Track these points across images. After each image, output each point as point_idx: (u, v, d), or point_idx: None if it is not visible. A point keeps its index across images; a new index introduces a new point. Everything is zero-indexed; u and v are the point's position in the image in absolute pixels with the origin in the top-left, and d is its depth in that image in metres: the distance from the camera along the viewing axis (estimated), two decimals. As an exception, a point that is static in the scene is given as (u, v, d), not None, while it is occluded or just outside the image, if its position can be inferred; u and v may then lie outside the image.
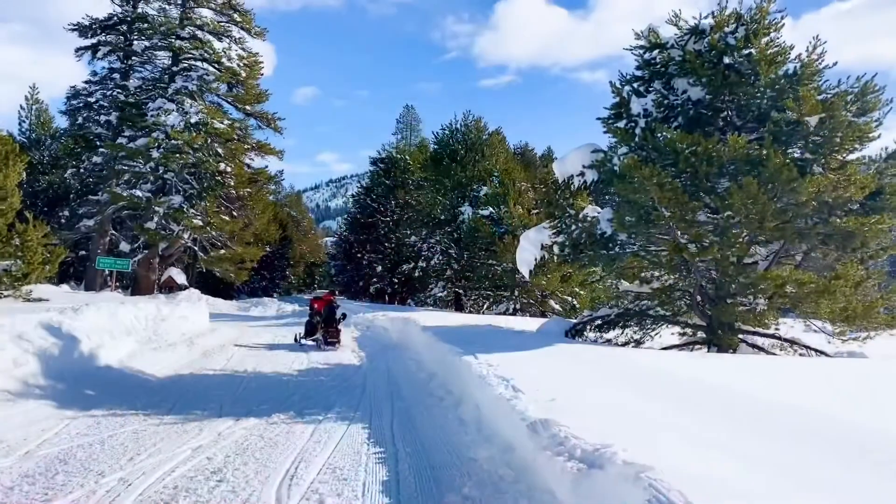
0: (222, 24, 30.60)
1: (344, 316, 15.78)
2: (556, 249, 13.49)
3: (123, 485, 4.78)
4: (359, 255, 46.42)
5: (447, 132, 34.53)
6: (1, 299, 13.80)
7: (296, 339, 15.38)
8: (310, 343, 15.02)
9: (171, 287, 30.71)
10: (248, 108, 31.15)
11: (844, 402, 5.98)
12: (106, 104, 29.28)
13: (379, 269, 44.63)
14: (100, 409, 7.30)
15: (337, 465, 5.43)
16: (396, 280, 42.58)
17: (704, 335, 12.52)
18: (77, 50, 29.66)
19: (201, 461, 5.44)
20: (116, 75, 29.87)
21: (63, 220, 29.22)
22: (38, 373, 8.26)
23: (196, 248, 31.02)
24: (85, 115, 29.43)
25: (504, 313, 27.83)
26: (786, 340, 12.32)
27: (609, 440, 3.69)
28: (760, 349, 12.28)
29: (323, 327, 14.97)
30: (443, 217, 33.59)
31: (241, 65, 30.41)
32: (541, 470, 4.16)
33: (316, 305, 15.89)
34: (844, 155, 11.18)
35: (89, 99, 29.64)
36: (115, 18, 29.51)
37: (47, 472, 5.03)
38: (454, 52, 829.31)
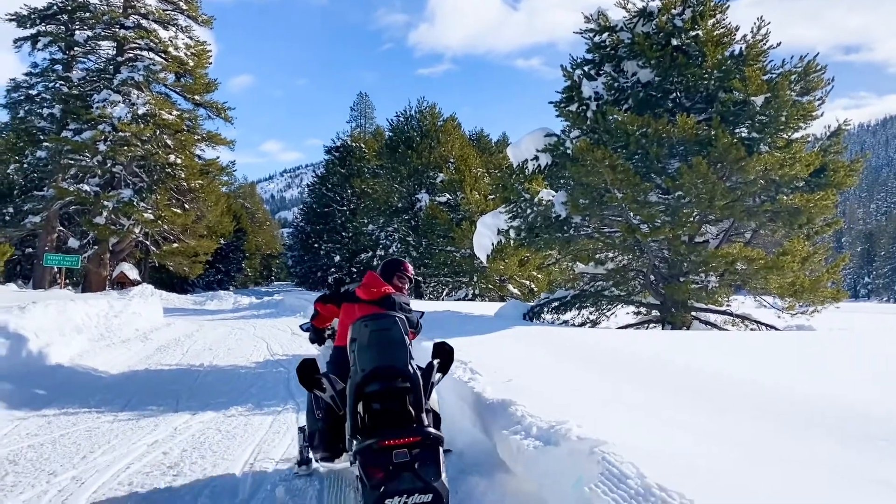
0: (167, 12, 29.90)
1: (447, 360, 4.29)
2: (512, 234, 13.57)
3: (76, 483, 4.68)
4: (316, 246, 46.14)
5: (402, 119, 34.39)
6: (-57, 300, 13.34)
7: (301, 456, 5.02)
8: (325, 466, 5.02)
9: (123, 283, 30.09)
10: (196, 97, 30.53)
11: (793, 373, 6.15)
12: (49, 97, 28.37)
13: (337, 258, 44.40)
14: (51, 409, 7.13)
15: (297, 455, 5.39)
16: (355, 269, 42.37)
17: (659, 314, 12.75)
18: (16, 41, 28.63)
19: (157, 456, 5.36)
20: (59, 67, 28.93)
21: (7, 217, 28.27)
22: (-15, 374, 8.01)
23: (148, 243, 30.39)
24: (27, 108, 28.47)
25: (463, 299, 27.95)
26: (737, 316, 12.62)
27: (564, 417, 3.73)
28: (713, 326, 12.56)
29: (366, 428, 3.74)
30: (400, 205, 33.49)
31: (189, 54, 29.76)
32: (499, 449, 4.20)
33: (320, 321, 5.19)
34: (790, 133, 11.46)
35: (31, 91, 28.70)
36: (55, 7, 28.53)
37: (-4, 473, 4.89)
38: (389, 43, 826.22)
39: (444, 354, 4.28)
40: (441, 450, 3.58)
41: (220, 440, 5.89)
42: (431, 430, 3.61)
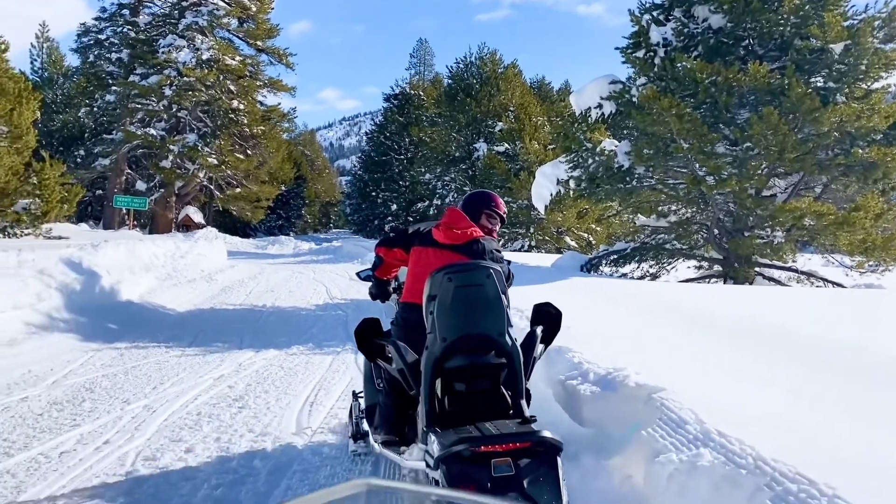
0: (230, -44, 29.91)
1: (553, 327, 3.36)
2: (572, 184, 13.40)
3: (148, 411, 4.91)
4: (373, 194, 46.39)
5: (462, 66, 33.94)
6: (21, 237, 13.97)
7: (356, 429, 3.94)
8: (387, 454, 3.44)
9: (188, 226, 30.95)
10: (258, 43, 30.65)
11: (858, 330, 5.98)
12: (117, 41, 28.90)
13: (394, 207, 44.65)
14: (122, 342, 7.46)
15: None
16: (411, 218, 42.60)
17: (721, 268, 12.50)
18: (85, -15, 29.17)
19: (223, 389, 5.57)
20: (126, 11, 29.37)
21: (79, 160, 29.31)
22: (61, 307, 8.40)
23: (212, 187, 31.07)
24: (96, 52, 29.07)
25: (520, 250, 27.85)
26: (803, 273, 12.28)
27: (622, 365, 3.73)
28: (777, 282, 12.26)
29: (447, 416, 2.86)
30: (457, 154, 33.29)
31: (251, -2, 29.82)
32: (557, 395, 4.23)
33: (384, 270, 4.09)
34: (869, 83, 10.91)
35: (100, 36, 29.23)
36: (122, -48, 28.89)
37: (74, 399, 5.17)
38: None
39: (548, 320, 3.29)
40: (559, 460, 2.47)
41: (282, 376, 6.08)
42: (547, 433, 2.50)
